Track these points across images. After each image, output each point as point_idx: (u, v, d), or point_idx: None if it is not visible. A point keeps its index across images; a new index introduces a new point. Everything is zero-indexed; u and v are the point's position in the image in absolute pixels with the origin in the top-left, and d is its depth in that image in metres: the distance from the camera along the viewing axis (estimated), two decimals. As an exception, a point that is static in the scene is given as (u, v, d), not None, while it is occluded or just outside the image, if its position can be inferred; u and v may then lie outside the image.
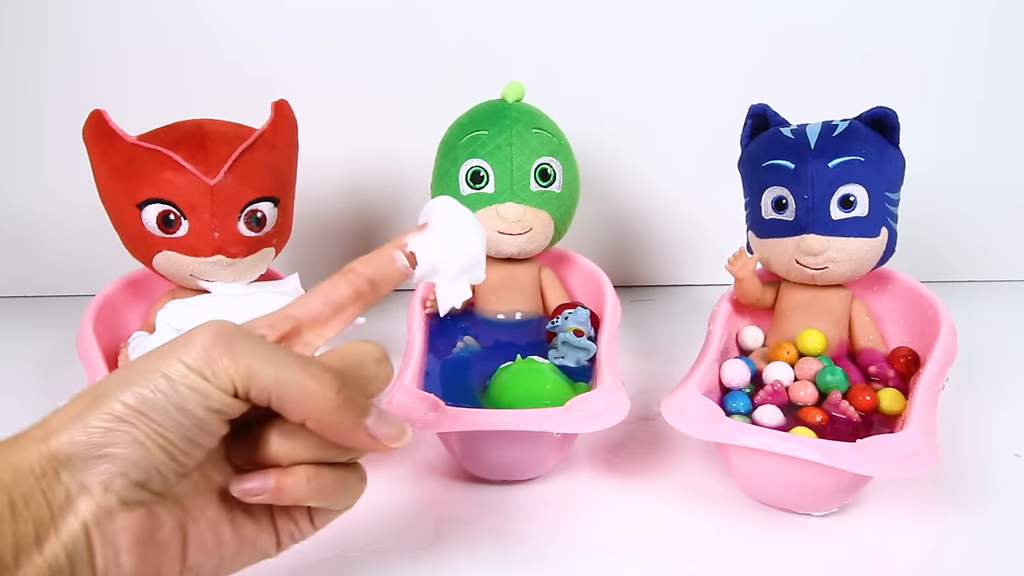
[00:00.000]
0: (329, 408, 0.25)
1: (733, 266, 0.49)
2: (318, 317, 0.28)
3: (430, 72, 0.69)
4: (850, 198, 0.45)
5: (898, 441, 0.36)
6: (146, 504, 0.24)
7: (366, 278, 0.29)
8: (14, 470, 0.22)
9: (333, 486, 0.27)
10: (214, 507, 0.26)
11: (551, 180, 0.52)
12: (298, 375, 0.25)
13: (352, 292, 0.29)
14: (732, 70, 0.70)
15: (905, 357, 0.46)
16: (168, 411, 0.23)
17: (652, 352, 0.62)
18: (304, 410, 0.25)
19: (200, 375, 0.24)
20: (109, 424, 0.23)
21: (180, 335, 0.25)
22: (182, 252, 0.46)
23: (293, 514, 0.28)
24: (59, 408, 0.24)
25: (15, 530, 0.21)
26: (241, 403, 0.24)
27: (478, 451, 0.42)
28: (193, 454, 0.24)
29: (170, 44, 0.67)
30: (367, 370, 0.27)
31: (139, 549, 0.24)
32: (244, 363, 0.24)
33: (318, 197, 0.71)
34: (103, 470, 0.23)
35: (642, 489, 0.43)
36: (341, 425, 0.26)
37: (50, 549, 0.22)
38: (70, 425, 0.23)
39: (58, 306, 0.72)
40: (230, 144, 0.45)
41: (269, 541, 0.28)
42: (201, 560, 0.26)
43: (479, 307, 0.54)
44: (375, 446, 0.27)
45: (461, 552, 0.38)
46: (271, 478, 0.26)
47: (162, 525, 0.24)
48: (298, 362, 0.25)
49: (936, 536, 0.39)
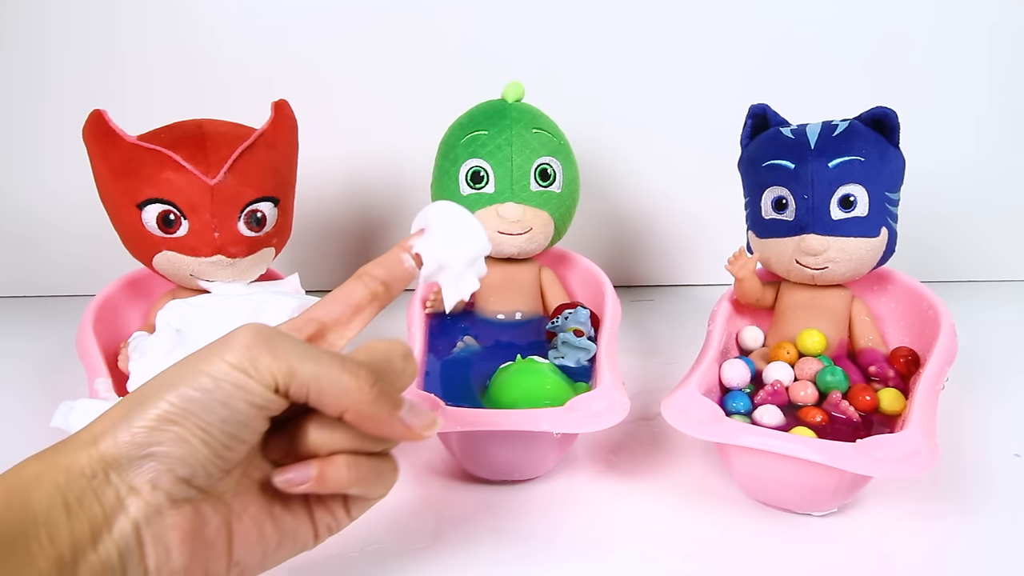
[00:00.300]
0: (365, 401, 0.26)
1: (733, 266, 0.49)
2: (339, 319, 0.30)
3: (430, 72, 0.69)
4: (850, 198, 0.45)
5: (898, 441, 0.36)
6: (193, 502, 0.25)
7: (379, 280, 0.30)
8: (66, 472, 0.23)
9: (370, 473, 0.28)
10: (256, 503, 0.27)
11: (551, 180, 0.52)
12: (336, 371, 0.26)
13: (368, 294, 0.30)
14: (732, 70, 0.70)
15: (905, 357, 0.46)
16: (212, 408, 0.24)
17: (652, 352, 0.62)
18: (342, 404, 0.26)
19: (243, 372, 0.24)
20: (153, 424, 0.24)
21: (220, 337, 0.25)
22: (182, 252, 0.46)
23: (330, 505, 0.29)
24: (106, 412, 0.25)
25: (71, 529, 0.22)
26: (282, 399, 0.25)
27: (478, 451, 0.42)
28: (236, 450, 0.25)
29: (170, 44, 0.67)
30: (395, 366, 0.29)
31: (188, 546, 0.25)
32: (284, 360, 0.25)
33: (318, 197, 0.71)
34: (149, 468, 0.24)
35: (642, 489, 0.43)
36: (377, 416, 0.27)
37: (104, 548, 0.23)
38: (116, 427, 0.24)
39: (58, 306, 0.72)
40: (230, 144, 0.45)
41: (308, 533, 0.29)
42: (246, 555, 0.27)
43: (479, 307, 0.54)
44: (408, 435, 0.28)
45: (461, 552, 0.38)
46: (312, 467, 0.27)
47: (208, 522, 0.25)
48: (335, 359, 0.26)
49: (936, 536, 0.39)
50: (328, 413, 0.26)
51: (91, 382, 0.44)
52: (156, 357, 0.42)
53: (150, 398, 0.24)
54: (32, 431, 0.43)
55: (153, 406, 0.24)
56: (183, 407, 0.24)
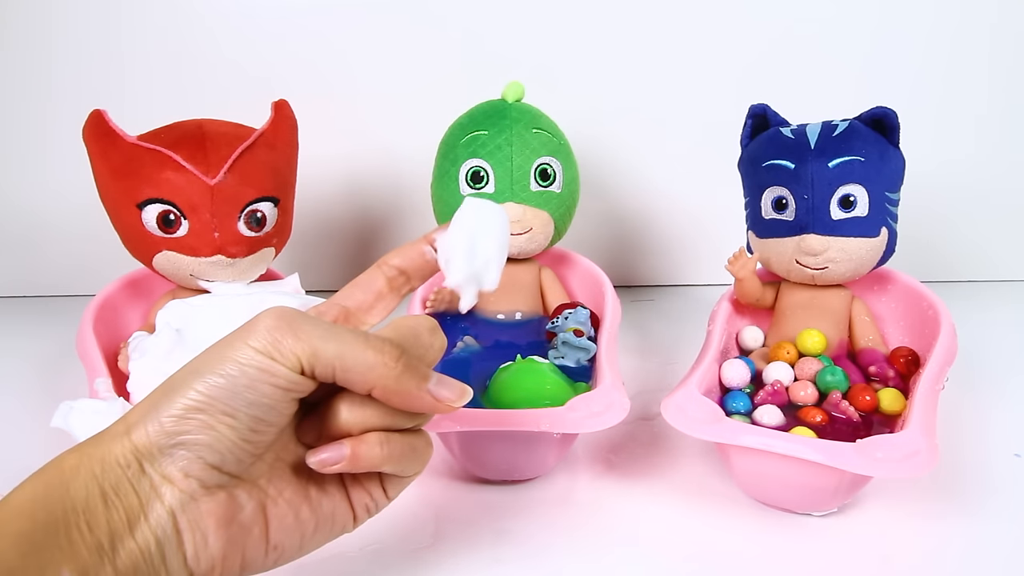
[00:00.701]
0: (392, 376, 0.26)
1: (733, 266, 0.49)
2: (361, 304, 0.30)
3: (430, 72, 0.69)
4: (850, 198, 0.45)
5: (898, 441, 0.36)
6: (226, 488, 0.25)
7: (397, 268, 0.31)
8: (102, 463, 0.24)
9: (403, 450, 0.28)
10: (291, 487, 0.28)
11: (551, 180, 0.52)
12: (360, 348, 0.26)
13: (386, 281, 0.31)
14: (732, 70, 0.70)
15: (905, 357, 0.46)
16: (239, 393, 0.25)
17: (652, 352, 0.62)
18: (368, 380, 0.26)
19: (267, 356, 0.25)
20: (180, 413, 0.24)
21: (244, 323, 0.26)
22: (182, 252, 0.46)
23: (366, 485, 0.30)
24: (137, 404, 0.25)
25: (109, 518, 0.23)
26: (308, 380, 0.26)
27: (478, 451, 0.42)
28: (265, 432, 0.26)
29: (170, 44, 0.67)
30: (422, 340, 0.29)
31: (224, 531, 0.25)
32: (307, 341, 0.25)
33: (318, 197, 0.71)
34: (180, 456, 0.24)
35: (642, 489, 0.43)
36: (405, 391, 0.27)
37: (141, 535, 0.24)
38: (146, 418, 0.24)
39: (58, 306, 0.72)
40: (230, 144, 0.45)
41: (346, 515, 0.29)
42: (283, 538, 0.27)
43: (479, 307, 0.54)
44: (439, 407, 0.28)
45: (461, 552, 0.38)
46: (345, 446, 0.27)
47: (243, 507, 0.26)
48: (358, 336, 0.26)
49: (936, 536, 0.39)
50: (356, 391, 0.27)
51: (91, 382, 0.44)
52: (156, 357, 0.42)
53: (178, 387, 0.25)
54: (32, 431, 0.43)
55: (181, 395, 0.24)
56: (209, 394, 0.24)
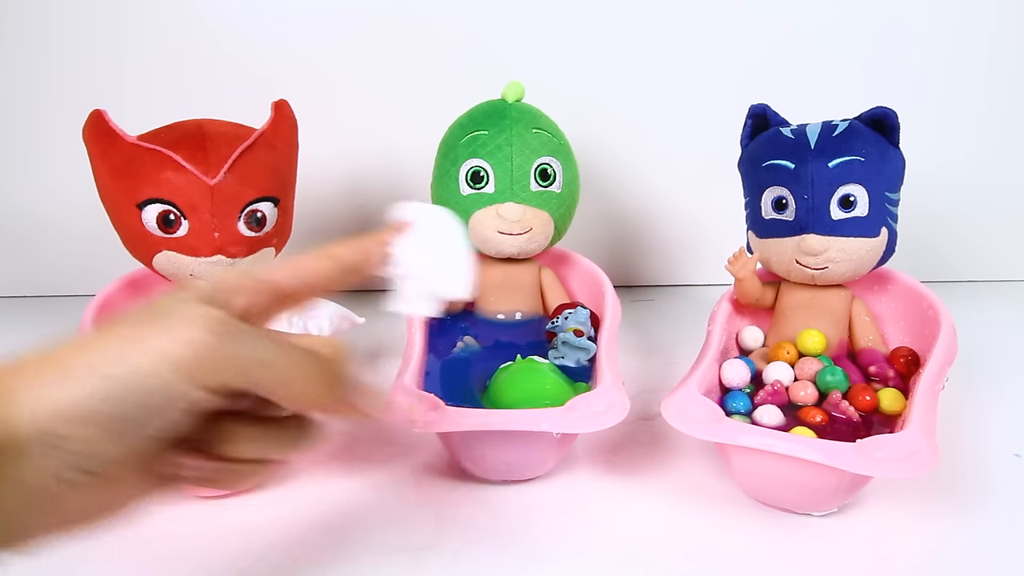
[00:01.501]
0: (315, 395, 0.26)
1: (733, 266, 0.49)
2: (297, 292, 0.29)
3: (430, 72, 0.69)
4: (850, 198, 0.45)
5: (898, 441, 0.36)
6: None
7: (336, 258, 0.30)
8: None
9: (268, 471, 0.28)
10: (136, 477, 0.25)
11: (551, 180, 0.52)
12: (282, 368, 0.25)
13: (328, 278, 0.30)
14: (732, 70, 0.70)
15: (905, 357, 0.46)
16: (130, 401, 0.22)
17: (652, 352, 0.62)
18: (290, 400, 0.26)
19: (174, 370, 0.23)
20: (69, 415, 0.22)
21: (166, 319, 0.24)
22: (182, 252, 0.46)
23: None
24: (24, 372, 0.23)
25: None
26: (215, 397, 0.24)
27: (478, 451, 0.42)
28: (144, 443, 0.23)
29: (171, 44, 0.67)
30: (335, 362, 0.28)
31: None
32: (231, 361, 0.24)
33: (318, 197, 0.71)
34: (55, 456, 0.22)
35: (642, 489, 0.43)
36: (328, 407, 0.27)
37: None
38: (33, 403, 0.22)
39: (58, 306, 0.72)
40: (230, 144, 0.45)
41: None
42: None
43: (479, 307, 0.54)
44: (357, 416, 0.28)
45: (461, 552, 0.38)
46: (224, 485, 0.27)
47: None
48: (281, 354, 0.25)
49: (936, 536, 0.39)
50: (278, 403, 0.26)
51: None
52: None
53: (72, 381, 0.22)
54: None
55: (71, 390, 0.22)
56: (102, 398, 0.22)
